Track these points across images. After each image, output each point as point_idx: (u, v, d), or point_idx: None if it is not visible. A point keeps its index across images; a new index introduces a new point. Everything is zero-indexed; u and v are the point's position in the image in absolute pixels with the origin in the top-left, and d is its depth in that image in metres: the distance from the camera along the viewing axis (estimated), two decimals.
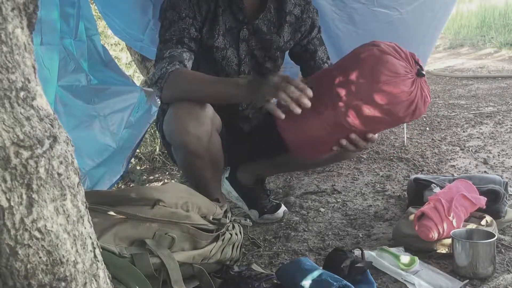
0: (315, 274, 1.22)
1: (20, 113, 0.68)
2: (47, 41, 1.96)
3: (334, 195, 2.17)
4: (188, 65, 1.58)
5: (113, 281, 0.95)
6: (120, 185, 2.74)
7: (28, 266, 0.70)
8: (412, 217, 1.56)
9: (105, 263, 0.87)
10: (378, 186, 2.23)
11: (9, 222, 0.68)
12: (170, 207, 1.28)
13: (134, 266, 1.13)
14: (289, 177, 2.46)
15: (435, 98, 4.09)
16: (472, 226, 1.51)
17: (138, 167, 3.09)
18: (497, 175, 1.84)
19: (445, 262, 1.47)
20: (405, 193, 2.03)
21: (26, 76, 0.69)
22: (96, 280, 0.81)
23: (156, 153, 3.16)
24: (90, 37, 2.35)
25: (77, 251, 0.76)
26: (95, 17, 2.68)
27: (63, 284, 0.74)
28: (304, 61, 1.84)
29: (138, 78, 4.14)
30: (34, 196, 0.69)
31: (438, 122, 3.27)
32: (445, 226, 1.47)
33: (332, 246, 1.64)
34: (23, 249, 0.69)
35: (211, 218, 1.39)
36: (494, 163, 2.38)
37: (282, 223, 1.91)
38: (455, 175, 2.00)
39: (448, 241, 1.48)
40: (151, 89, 2.72)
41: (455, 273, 1.39)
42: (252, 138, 1.87)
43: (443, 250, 1.50)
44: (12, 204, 0.67)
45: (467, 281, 1.34)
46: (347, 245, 1.66)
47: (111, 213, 1.21)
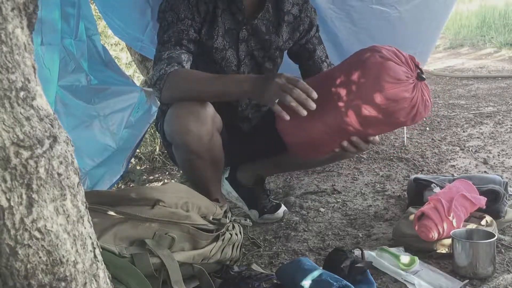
0: (315, 274, 1.23)
1: (20, 113, 0.68)
2: (48, 41, 1.96)
3: (334, 195, 2.17)
4: (187, 67, 1.58)
5: (113, 281, 0.95)
6: (120, 185, 2.74)
7: (28, 266, 0.70)
8: (412, 217, 1.56)
9: (105, 263, 0.87)
10: (378, 186, 2.23)
11: (9, 222, 0.68)
12: (170, 207, 1.28)
13: (134, 266, 1.13)
14: (289, 177, 2.46)
15: (435, 98, 4.09)
16: (472, 226, 1.51)
17: (138, 167, 3.09)
18: (497, 175, 1.84)
19: (445, 262, 1.47)
20: (405, 193, 2.03)
21: (26, 76, 0.69)
22: (96, 280, 0.81)
23: (156, 153, 3.16)
24: (90, 37, 2.35)
25: (77, 251, 0.76)
26: (95, 17, 2.68)
27: (63, 284, 0.74)
28: (303, 60, 1.85)
29: (138, 78, 4.13)
30: (34, 196, 0.69)
31: (438, 122, 3.27)
32: (445, 226, 1.48)
33: (332, 246, 1.64)
34: (23, 249, 0.69)
35: (211, 218, 1.39)
36: (494, 163, 2.38)
37: (282, 223, 1.91)
38: (455, 175, 2.00)
39: (448, 241, 1.48)
40: (151, 89, 2.72)
41: (455, 273, 1.39)
42: (252, 138, 1.87)
43: (443, 250, 1.50)
44: (12, 204, 0.68)
45: (467, 281, 1.34)
46: (347, 245, 1.66)
47: (111, 213, 1.21)
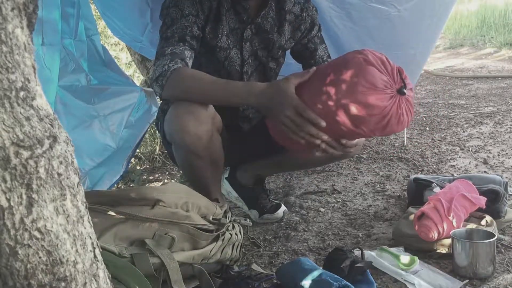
0: (315, 274, 1.23)
1: (20, 113, 0.68)
2: (48, 42, 1.96)
3: (334, 195, 2.17)
4: (189, 64, 1.57)
5: (113, 281, 0.95)
6: (120, 185, 2.74)
7: (28, 266, 0.70)
8: (412, 217, 1.56)
9: (105, 263, 0.86)
10: (378, 186, 2.22)
11: (9, 222, 0.68)
12: (170, 207, 1.27)
13: (134, 266, 1.13)
14: (289, 177, 2.46)
15: (435, 98, 4.10)
16: (472, 226, 1.51)
17: (138, 167, 3.09)
18: (497, 175, 1.84)
19: (445, 262, 1.47)
20: (405, 193, 2.03)
21: (26, 76, 0.69)
22: (96, 280, 0.81)
23: (156, 153, 3.16)
24: (90, 37, 2.35)
25: (77, 251, 0.76)
26: (95, 17, 2.68)
27: (63, 284, 0.74)
28: (305, 60, 1.85)
29: (138, 78, 4.13)
30: (34, 196, 0.69)
31: (438, 122, 3.27)
32: (445, 226, 1.48)
33: (332, 246, 1.64)
34: (23, 249, 0.69)
35: (211, 218, 1.39)
36: (494, 163, 2.38)
37: (282, 223, 1.91)
38: (455, 175, 2.00)
39: (448, 241, 1.48)
40: (151, 89, 2.72)
41: (455, 273, 1.39)
42: (252, 138, 1.87)
43: (443, 250, 1.50)
44: (12, 204, 0.67)
45: (467, 281, 1.34)
46: (347, 245, 1.66)
47: (111, 213, 1.21)
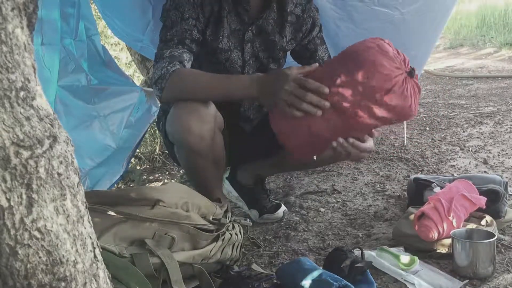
0: (315, 274, 1.22)
1: (20, 113, 0.68)
2: (48, 41, 1.96)
3: (334, 195, 2.17)
4: (188, 66, 1.57)
5: (113, 281, 0.95)
6: (120, 185, 2.74)
7: (28, 266, 0.70)
8: (412, 217, 1.56)
9: (105, 263, 0.86)
10: (378, 186, 2.22)
11: (9, 222, 0.68)
12: (170, 207, 1.27)
13: (134, 266, 1.13)
14: (289, 177, 2.45)
15: (435, 98, 4.10)
16: (472, 226, 1.51)
17: (138, 167, 3.09)
18: (497, 175, 1.84)
19: (445, 262, 1.47)
20: (405, 193, 2.03)
21: (26, 76, 0.69)
22: (96, 280, 0.81)
23: (156, 153, 3.16)
24: (90, 37, 2.35)
25: (77, 251, 0.76)
26: (95, 17, 2.68)
27: (63, 284, 0.74)
28: (305, 60, 1.84)
29: (138, 78, 4.14)
30: (34, 196, 0.69)
31: (438, 122, 3.27)
32: (445, 226, 1.48)
33: (332, 246, 1.64)
34: (23, 249, 0.69)
35: (211, 218, 1.39)
36: (494, 163, 2.38)
37: (282, 223, 1.91)
38: (455, 175, 2.00)
39: (448, 241, 1.48)
40: (151, 89, 2.72)
41: (455, 273, 1.39)
42: (253, 138, 1.87)
43: (443, 250, 1.50)
44: (12, 204, 0.67)
45: (467, 281, 1.34)
46: (347, 245, 1.66)
47: (111, 213, 1.21)
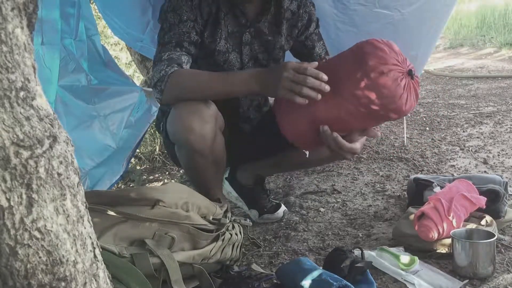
0: (315, 274, 1.22)
1: (20, 113, 0.68)
2: (48, 41, 1.96)
3: (334, 195, 2.17)
4: (186, 68, 1.57)
5: (113, 281, 0.95)
6: (120, 185, 2.74)
7: (28, 266, 0.70)
8: (412, 217, 1.56)
9: (105, 263, 0.86)
10: (378, 186, 2.22)
11: (9, 222, 0.68)
12: (170, 207, 1.27)
13: (134, 266, 1.13)
14: (289, 177, 2.45)
15: (435, 98, 4.10)
16: (472, 226, 1.51)
17: (138, 167, 3.09)
18: (497, 175, 1.84)
19: (445, 262, 1.47)
20: (405, 193, 2.03)
21: (26, 76, 0.69)
22: (96, 280, 0.81)
23: (156, 153, 3.17)
24: (90, 37, 2.35)
25: (77, 251, 0.76)
26: (95, 17, 2.69)
27: (63, 284, 0.74)
28: (302, 57, 1.85)
29: (138, 78, 4.14)
30: (34, 196, 0.69)
31: (438, 122, 3.27)
32: (445, 226, 1.48)
33: (332, 246, 1.64)
34: (23, 249, 0.69)
35: (211, 218, 1.39)
36: (494, 163, 2.38)
37: (282, 223, 1.91)
38: (455, 175, 2.00)
39: (448, 241, 1.48)
40: (151, 89, 2.72)
41: (455, 273, 1.39)
42: (253, 138, 1.86)
43: (443, 250, 1.50)
44: (12, 204, 0.67)
45: (467, 281, 1.34)
46: (347, 245, 1.66)
47: (111, 213, 1.21)
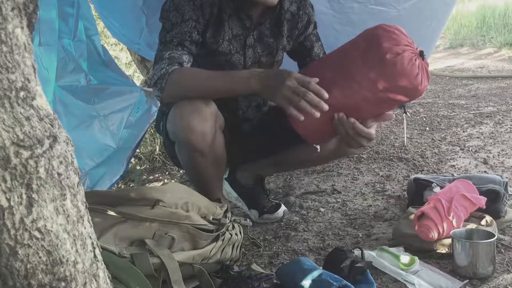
0: (315, 274, 1.23)
1: (20, 113, 0.68)
2: (45, 42, 1.95)
3: (334, 195, 2.17)
4: (187, 67, 1.57)
5: (113, 281, 0.95)
6: (120, 185, 2.74)
7: (28, 266, 0.70)
8: (412, 217, 1.56)
9: (105, 263, 0.86)
10: (378, 186, 2.22)
11: (9, 222, 0.68)
12: (170, 207, 1.27)
13: (134, 266, 1.13)
14: (289, 177, 2.45)
15: (435, 98, 4.10)
16: (472, 226, 1.51)
17: (138, 167, 3.09)
18: (497, 175, 1.84)
19: (445, 262, 1.47)
20: (405, 193, 2.03)
21: (26, 76, 0.69)
22: (96, 280, 0.81)
23: (156, 153, 3.16)
24: (90, 37, 2.35)
25: (77, 251, 0.76)
26: (95, 17, 2.68)
27: (63, 284, 0.74)
28: (301, 57, 1.85)
29: (138, 78, 4.14)
30: (34, 196, 0.69)
31: (438, 122, 3.27)
32: (445, 226, 1.48)
33: (332, 246, 1.64)
34: (23, 249, 0.69)
35: (211, 218, 1.39)
36: (494, 163, 2.38)
37: (282, 223, 1.91)
38: (455, 175, 2.00)
39: (448, 241, 1.48)
40: (151, 89, 2.72)
41: (455, 273, 1.39)
42: (252, 138, 1.86)
43: (443, 250, 1.50)
44: (12, 204, 0.67)
45: (467, 281, 1.34)
46: (347, 245, 1.66)
47: (111, 213, 1.21)
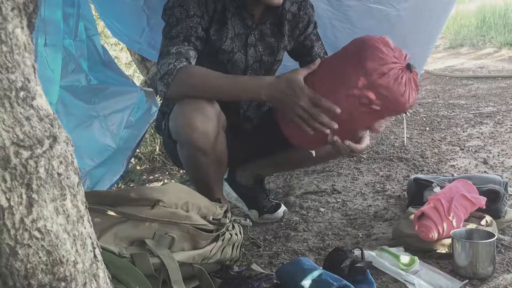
0: (315, 274, 1.23)
1: (20, 113, 0.68)
2: (51, 42, 1.95)
3: (334, 195, 2.17)
4: (193, 64, 1.56)
5: (113, 281, 0.95)
6: (120, 185, 2.74)
7: (28, 266, 0.70)
8: (412, 217, 1.56)
9: (105, 263, 0.86)
10: (378, 186, 2.22)
11: (9, 222, 0.68)
12: (170, 207, 1.27)
13: (134, 266, 1.13)
14: (289, 177, 2.45)
15: (435, 98, 4.10)
16: (472, 226, 1.51)
17: (138, 167, 3.10)
18: (497, 175, 1.84)
19: (445, 262, 1.47)
20: (405, 193, 2.03)
21: (26, 76, 0.69)
22: (96, 280, 0.81)
23: (156, 153, 3.16)
24: (90, 37, 2.35)
25: (77, 251, 0.76)
26: (95, 17, 2.68)
27: (63, 284, 0.74)
28: (301, 57, 1.85)
29: (138, 78, 4.14)
30: (34, 196, 0.69)
31: (438, 122, 3.27)
32: (445, 226, 1.48)
33: (332, 246, 1.64)
34: (23, 249, 0.69)
35: (211, 218, 1.39)
36: (494, 163, 2.38)
37: (282, 223, 1.91)
38: (455, 175, 2.00)
39: (448, 241, 1.48)
40: (151, 89, 2.73)
41: (455, 273, 1.39)
42: (253, 138, 1.86)
43: (443, 250, 1.50)
44: (12, 204, 0.67)
45: (467, 281, 1.34)
46: (347, 245, 1.66)
47: (111, 213, 1.21)
